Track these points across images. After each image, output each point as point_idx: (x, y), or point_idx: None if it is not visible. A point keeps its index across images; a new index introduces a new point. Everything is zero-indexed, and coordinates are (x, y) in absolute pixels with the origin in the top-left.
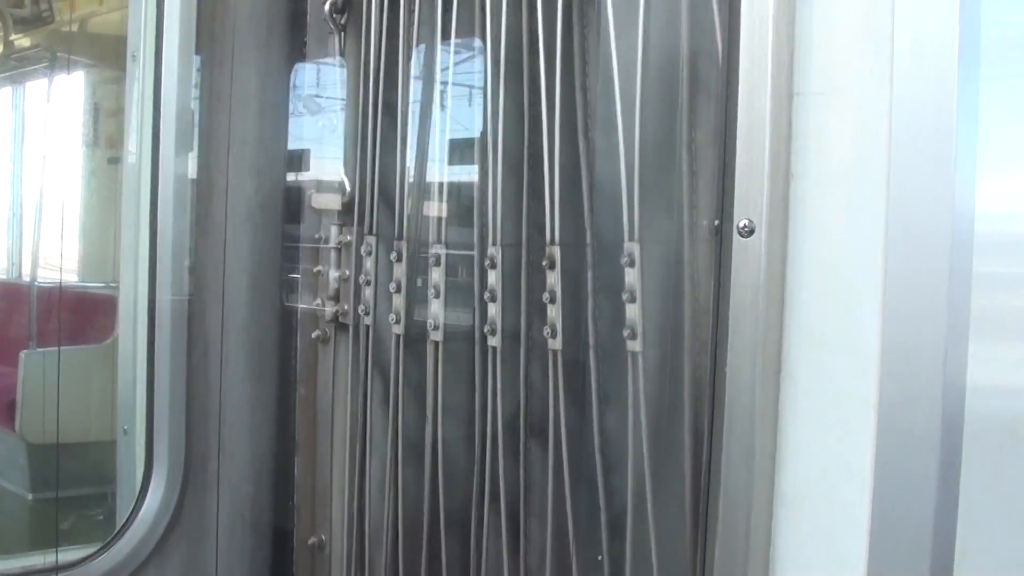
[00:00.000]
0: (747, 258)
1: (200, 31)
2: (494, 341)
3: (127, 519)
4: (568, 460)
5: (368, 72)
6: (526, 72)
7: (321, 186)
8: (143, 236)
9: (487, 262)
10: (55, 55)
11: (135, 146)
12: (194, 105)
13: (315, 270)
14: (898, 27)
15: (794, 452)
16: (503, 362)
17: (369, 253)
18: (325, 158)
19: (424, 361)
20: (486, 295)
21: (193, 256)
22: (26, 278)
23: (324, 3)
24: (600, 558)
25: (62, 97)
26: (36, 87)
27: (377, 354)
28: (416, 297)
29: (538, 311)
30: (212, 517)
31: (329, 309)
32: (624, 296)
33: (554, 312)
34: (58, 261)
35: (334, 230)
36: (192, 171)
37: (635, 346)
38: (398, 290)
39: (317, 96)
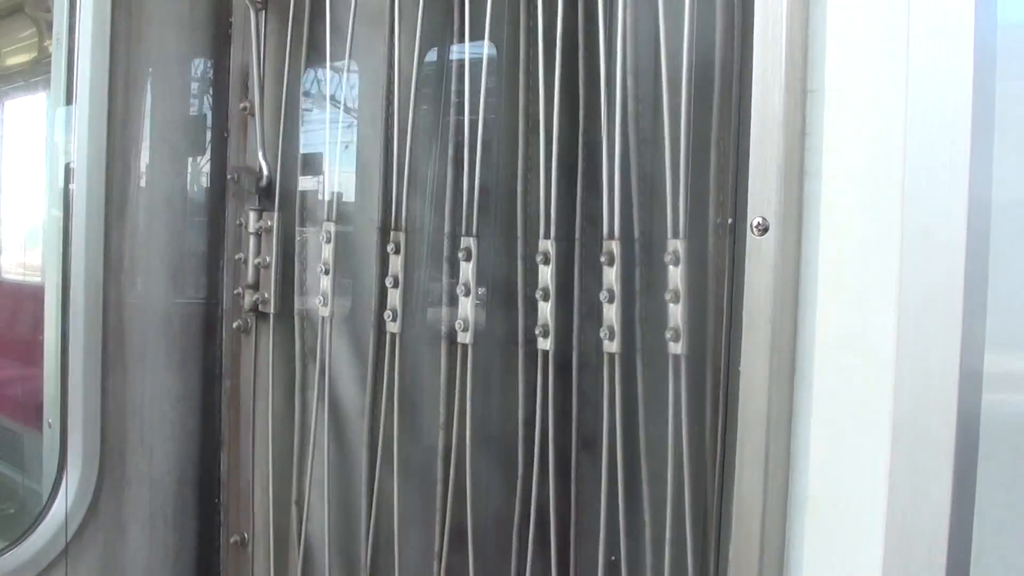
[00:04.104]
0: (761, 256)
1: (116, 9)
2: (545, 344)
3: (39, 514)
4: (622, 472)
5: (291, 52)
6: (582, 59)
7: (242, 170)
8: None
9: (539, 257)
10: None
11: (54, 134)
12: (110, 87)
13: (236, 257)
14: (913, 23)
15: (807, 454)
16: (554, 367)
17: (328, 240)
18: (247, 141)
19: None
20: (538, 293)
21: (109, 244)
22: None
23: None
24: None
25: None
26: None
27: (316, 346)
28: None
29: (588, 312)
30: (131, 513)
31: (249, 298)
32: (667, 296)
33: (612, 312)
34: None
35: (252, 215)
36: (107, 157)
37: (677, 349)
38: (395, 285)
39: (242, 77)
